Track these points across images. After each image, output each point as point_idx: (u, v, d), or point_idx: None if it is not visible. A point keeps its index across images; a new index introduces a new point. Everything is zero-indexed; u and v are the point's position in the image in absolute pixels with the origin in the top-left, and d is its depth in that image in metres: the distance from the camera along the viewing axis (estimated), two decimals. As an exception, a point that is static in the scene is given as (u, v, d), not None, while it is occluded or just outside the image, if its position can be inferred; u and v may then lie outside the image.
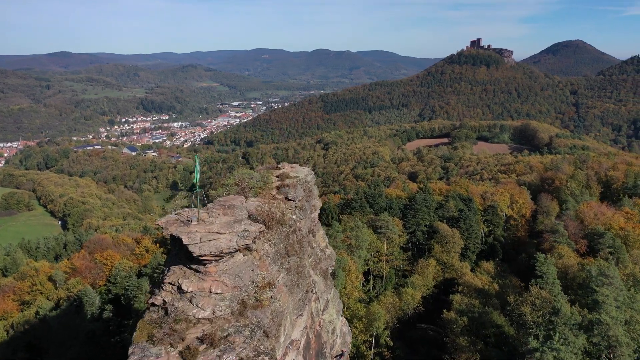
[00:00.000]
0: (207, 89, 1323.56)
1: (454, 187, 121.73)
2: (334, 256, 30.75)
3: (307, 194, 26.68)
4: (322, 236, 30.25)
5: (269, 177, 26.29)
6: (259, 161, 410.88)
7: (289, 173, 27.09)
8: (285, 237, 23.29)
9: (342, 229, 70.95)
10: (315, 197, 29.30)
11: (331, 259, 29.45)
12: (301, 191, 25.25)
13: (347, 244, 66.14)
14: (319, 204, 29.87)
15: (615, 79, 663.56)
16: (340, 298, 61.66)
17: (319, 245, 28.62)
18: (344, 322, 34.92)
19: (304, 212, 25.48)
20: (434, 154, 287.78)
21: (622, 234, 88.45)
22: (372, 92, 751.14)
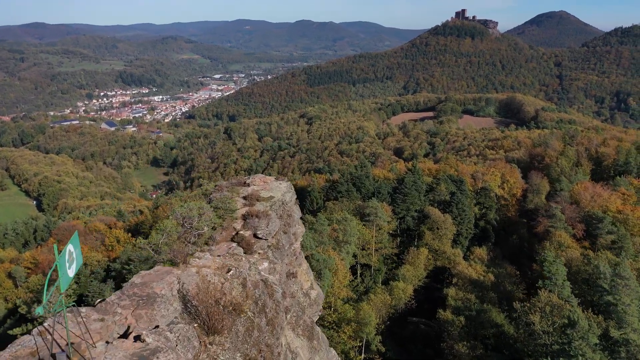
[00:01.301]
0: (188, 62, 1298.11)
1: (444, 167, 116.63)
2: (322, 297, 24.93)
3: (285, 220, 20.71)
4: (306, 272, 24.12)
5: (233, 203, 20.00)
6: (242, 136, 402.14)
7: (259, 193, 20.94)
8: (244, 337, 14.67)
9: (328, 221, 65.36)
10: (296, 222, 23.25)
11: (318, 303, 23.43)
12: (276, 222, 19.11)
13: (334, 238, 60.72)
14: (301, 230, 23.90)
15: (598, 51, 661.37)
16: (326, 299, 56.47)
17: (302, 287, 22.50)
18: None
19: (281, 252, 19.32)
20: (419, 129, 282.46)
21: (620, 217, 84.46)
22: (356, 65, 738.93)
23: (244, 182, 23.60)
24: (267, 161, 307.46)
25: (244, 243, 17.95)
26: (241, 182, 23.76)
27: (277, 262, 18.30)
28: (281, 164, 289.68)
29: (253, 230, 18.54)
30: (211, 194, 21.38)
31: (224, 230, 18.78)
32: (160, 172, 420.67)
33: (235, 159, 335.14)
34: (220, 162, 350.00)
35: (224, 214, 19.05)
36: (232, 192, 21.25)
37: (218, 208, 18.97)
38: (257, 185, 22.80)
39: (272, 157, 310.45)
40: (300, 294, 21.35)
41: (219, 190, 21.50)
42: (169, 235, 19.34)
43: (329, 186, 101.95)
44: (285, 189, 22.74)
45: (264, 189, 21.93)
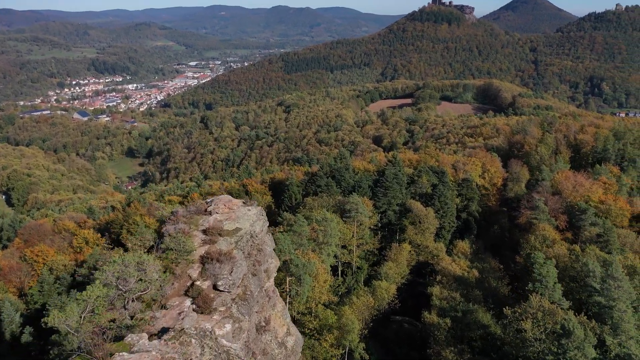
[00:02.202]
0: (162, 49, 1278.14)
1: (424, 157, 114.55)
2: (301, 342, 21.90)
3: (254, 258, 17.58)
4: (282, 314, 21.07)
5: (189, 241, 16.59)
6: (218, 125, 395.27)
7: (223, 224, 17.68)
8: None
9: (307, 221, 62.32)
10: (268, 256, 20.06)
11: (296, 352, 20.42)
12: (242, 265, 15.91)
13: (314, 239, 57.79)
14: (275, 264, 20.80)
15: (573, 36, 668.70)
16: (307, 304, 53.75)
17: (277, 335, 19.31)
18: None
19: (249, 303, 16.03)
20: (398, 116, 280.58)
21: (603, 208, 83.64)
22: (334, 51, 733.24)
23: (204, 210, 20.32)
24: (244, 151, 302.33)
25: (201, 300, 14.68)
26: (201, 209, 20.45)
27: (244, 319, 15.07)
28: (259, 154, 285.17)
29: (213, 280, 15.32)
30: (164, 226, 18.05)
31: (177, 279, 15.53)
32: (136, 162, 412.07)
33: (212, 148, 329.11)
34: (197, 152, 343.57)
35: (178, 257, 15.79)
36: (190, 223, 18.00)
37: (170, 250, 15.69)
38: (220, 214, 19.48)
39: (249, 146, 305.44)
40: (275, 345, 18.29)
41: (173, 222, 18.20)
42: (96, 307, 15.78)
43: (307, 179, 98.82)
44: (255, 217, 19.57)
45: (229, 218, 18.66)
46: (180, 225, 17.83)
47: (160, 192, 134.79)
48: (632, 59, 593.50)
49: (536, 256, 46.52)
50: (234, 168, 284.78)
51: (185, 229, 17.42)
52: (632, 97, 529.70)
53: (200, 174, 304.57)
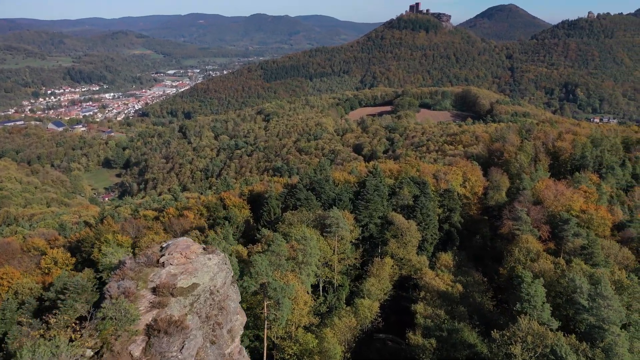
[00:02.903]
0: (140, 57, 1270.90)
1: (405, 167, 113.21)
2: None
3: (214, 320, 15.21)
4: None
5: (133, 308, 14.03)
6: (197, 135, 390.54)
7: (176, 281, 15.17)
8: None
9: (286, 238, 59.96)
10: (232, 313, 17.66)
11: None
12: (197, 337, 13.46)
13: (293, 258, 55.40)
14: (242, 321, 18.41)
15: (547, 43, 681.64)
16: (286, 328, 51.31)
17: None
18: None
19: None
20: (378, 124, 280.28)
21: (585, 217, 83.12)
22: (313, 59, 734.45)
23: (157, 260, 17.63)
24: (223, 160, 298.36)
25: (141, 391, 12.21)
26: (153, 260, 17.74)
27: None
28: (238, 163, 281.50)
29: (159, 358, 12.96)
30: (109, 282, 15.56)
31: (116, 359, 13.05)
32: (113, 173, 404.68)
33: (191, 158, 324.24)
34: (175, 162, 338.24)
35: (118, 328, 13.31)
36: (139, 279, 15.42)
37: (107, 319, 13.32)
38: (175, 265, 16.86)
39: (229, 156, 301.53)
40: None
41: (119, 277, 15.61)
42: None
43: (287, 192, 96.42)
44: (217, 268, 17.08)
45: (185, 270, 16.12)
46: (125, 282, 15.27)
47: (136, 206, 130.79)
48: (605, 66, 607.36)
49: (523, 275, 44.99)
50: (213, 178, 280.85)
51: (130, 289, 14.92)
52: (605, 102, 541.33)
53: (178, 184, 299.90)
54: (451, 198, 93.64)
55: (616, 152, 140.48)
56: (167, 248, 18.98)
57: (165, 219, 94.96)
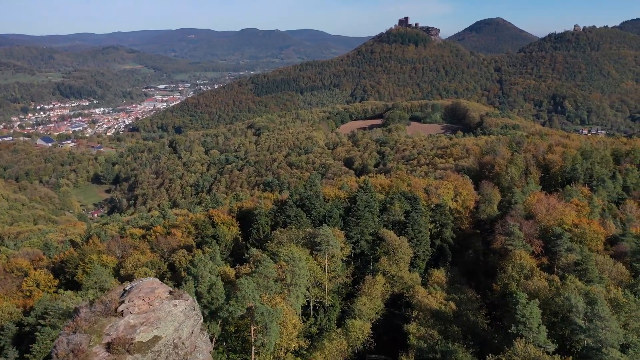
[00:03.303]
0: (130, 72, 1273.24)
1: (396, 182, 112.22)
2: None
3: None
4: None
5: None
6: (187, 149, 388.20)
7: (135, 334, 13.57)
8: None
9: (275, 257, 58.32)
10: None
11: None
12: None
13: (282, 279, 53.67)
14: None
15: (535, 56, 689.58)
16: (275, 353, 49.52)
17: None
18: None
19: None
20: (368, 138, 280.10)
21: (577, 232, 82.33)
22: (303, 73, 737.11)
23: (115, 309, 15.78)
24: (214, 175, 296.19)
25: None
26: (111, 308, 15.81)
27: None
28: (229, 178, 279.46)
29: None
30: (58, 336, 13.96)
31: None
32: (102, 189, 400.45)
33: (181, 173, 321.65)
34: (165, 177, 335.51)
35: None
36: (92, 332, 13.73)
37: None
38: (136, 314, 15.10)
39: (219, 170, 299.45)
40: None
41: (71, 329, 13.94)
42: None
43: (277, 209, 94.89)
44: (183, 316, 15.32)
45: (147, 321, 14.41)
46: (77, 337, 13.53)
47: (123, 224, 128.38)
48: (592, 78, 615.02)
49: (519, 296, 43.71)
50: (203, 194, 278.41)
51: (81, 346, 13.24)
52: (593, 114, 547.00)
53: (168, 200, 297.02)
54: (443, 213, 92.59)
55: (606, 164, 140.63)
56: (129, 292, 17.20)
57: (153, 238, 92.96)
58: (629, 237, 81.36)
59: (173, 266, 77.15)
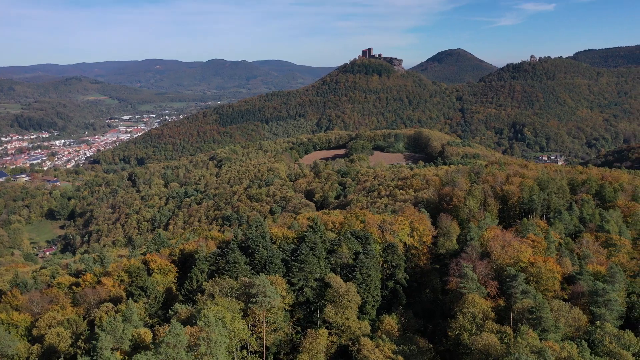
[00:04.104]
0: (94, 103, 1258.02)
1: (349, 219, 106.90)
2: None
3: None
4: None
5: None
6: (147, 182, 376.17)
7: None
8: None
9: (196, 318, 51.32)
10: None
11: None
12: None
13: (197, 346, 46.49)
14: None
15: (494, 85, 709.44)
16: None
17: None
18: None
19: None
20: (330, 169, 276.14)
21: (533, 271, 78.34)
22: (269, 103, 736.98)
23: None
24: (172, 210, 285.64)
25: None
26: None
27: None
28: (187, 213, 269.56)
29: None
30: None
31: None
32: (57, 225, 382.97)
33: (138, 208, 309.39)
34: (122, 212, 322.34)
35: None
36: None
37: None
38: None
39: (177, 204, 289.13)
40: None
41: None
42: None
43: (218, 253, 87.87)
44: None
45: None
46: None
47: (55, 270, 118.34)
48: (549, 106, 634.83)
49: None
50: (160, 229, 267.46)
51: None
52: (552, 141, 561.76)
53: (124, 236, 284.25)
54: (395, 253, 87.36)
55: (563, 194, 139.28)
56: None
57: (79, 289, 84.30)
58: (585, 275, 77.78)
59: (94, 323, 68.92)
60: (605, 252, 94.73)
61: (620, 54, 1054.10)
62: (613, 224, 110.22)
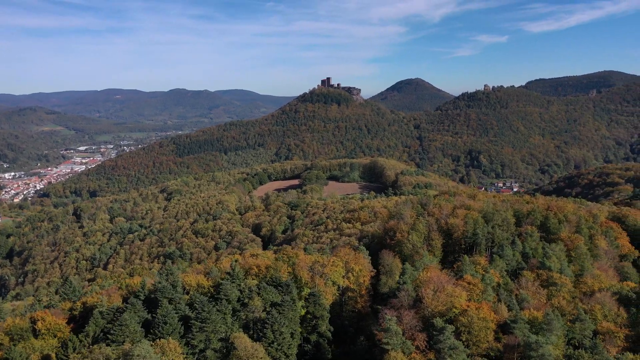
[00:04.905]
0: (49, 134, 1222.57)
1: (275, 263, 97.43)
2: None
3: None
4: None
5: None
6: (92, 218, 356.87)
7: None
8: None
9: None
10: None
11: None
12: None
13: None
14: None
15: (451, 114, 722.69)
16: None
17: None
18: None
19: None
20: (280, 201, 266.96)
21: (464, 321, 70.93)
22: (227, 133, 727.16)
23: None
24: (114, 247, 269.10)
25: None
26: None
27: None
28: (129, 250, 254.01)
29: None
30: None
31: None
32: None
33: (79, 245, 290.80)
34: (62, 249, 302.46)
35: None
36: None
37: None
38: None
39: (120, 241, 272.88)
40: None
41: None
42: None
43: (116, 309, 77.11)
44: None
45: None
46: None
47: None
48: (503, 133, 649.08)
49: None
50: (99, 268, 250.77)
51: None
52: (507, 168, 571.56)
53: (60, 277, 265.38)
54: (316, 303, 78.69)
55: (507, 227, 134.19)
56: None
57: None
58: (520, 324, 70.85)
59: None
60: (545, 292, 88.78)
61: (569, 83, 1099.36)
62: (555, 259, 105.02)
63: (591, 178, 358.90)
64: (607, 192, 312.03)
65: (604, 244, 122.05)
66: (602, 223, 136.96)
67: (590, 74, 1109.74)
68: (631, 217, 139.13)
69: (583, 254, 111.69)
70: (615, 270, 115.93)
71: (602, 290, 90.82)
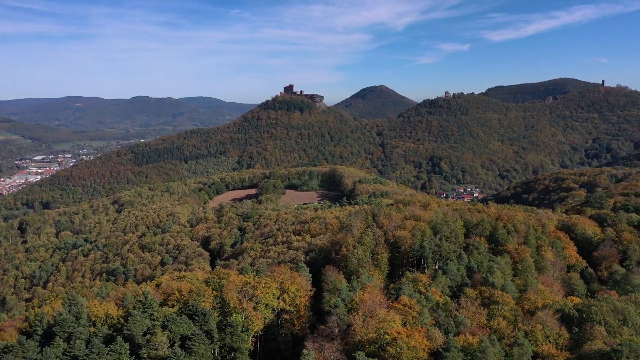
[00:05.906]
0: (3, 143, 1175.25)
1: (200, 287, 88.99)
2: None
3: None
4: None
5: None
6: (36, 232, 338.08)
7: None
8: None
9: None
10: None
11: None
12: None
13: None
14: None
15: (412, 120, 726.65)
16: None
17: None
18: None
19: None
20: (234, 212, 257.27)
21: (393, 351, 64.56)
22: (188, 141, 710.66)
23: None
24: (55, 263, 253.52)
25: None
26: None
27: None
28: (71, 267, 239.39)
29: None
30: None
31: None
32: None
33: (19, 262, 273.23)
34: (2, 267, 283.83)
35: None
36: None
37: None
38: None
39: (63, 257, 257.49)
40: None
41: None
42: None
43: (2, 348, 67.37)
44: None
45: None
46: None
47: None
48: (463, 140, 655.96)
49: None
50: (39, 287, 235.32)
51: None
52: (467, 173, 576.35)
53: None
54: (233, 334, 70.91)
55: (455, 239, 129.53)
56: None
57: None
58: (453, 352, 64.97)
59: None
60: (485, 312, 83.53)
61: (527, 90, 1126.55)
62: (499, 274, 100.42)
63: (547, 183, 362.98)
64: (561, 197, 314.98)
65: (551, 256, 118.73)
66: (550, 233, 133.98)
67: (547, 81, 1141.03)
68: (579, 226, 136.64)
69: (529, 267, 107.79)
70: (562, 283, 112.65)
71: (545, 307, 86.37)
